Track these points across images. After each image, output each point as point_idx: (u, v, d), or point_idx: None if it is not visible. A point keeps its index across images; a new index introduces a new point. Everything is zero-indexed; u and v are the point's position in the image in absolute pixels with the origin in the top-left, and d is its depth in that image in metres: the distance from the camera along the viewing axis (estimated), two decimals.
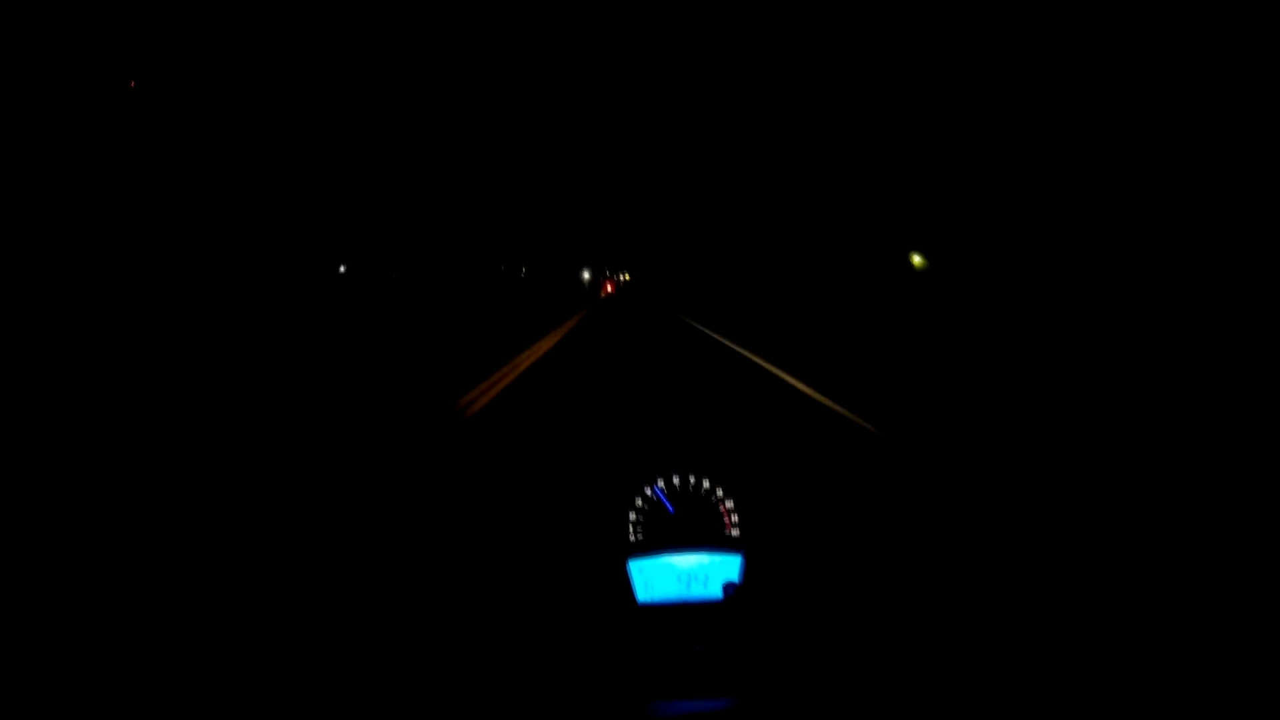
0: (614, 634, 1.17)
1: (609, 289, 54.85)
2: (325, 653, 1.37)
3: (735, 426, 4.78)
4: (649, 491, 1.29)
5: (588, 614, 1.19)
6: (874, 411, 4.89)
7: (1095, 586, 1.92)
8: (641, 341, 13.01)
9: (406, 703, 0.97)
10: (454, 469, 3.92)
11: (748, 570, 1.20)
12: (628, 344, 12.70)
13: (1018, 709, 0.97)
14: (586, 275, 57.93)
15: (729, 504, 1.28)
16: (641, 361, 9.65)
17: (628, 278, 64.49)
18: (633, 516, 1.28)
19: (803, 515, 1.39)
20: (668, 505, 1.28)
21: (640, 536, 1.26)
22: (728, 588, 1.17)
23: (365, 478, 3.67)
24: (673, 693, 1.03)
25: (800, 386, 6.27)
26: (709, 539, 1.24)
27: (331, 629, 1.56)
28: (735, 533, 1.26)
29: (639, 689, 1.04)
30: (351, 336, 12.82)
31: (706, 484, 1.30)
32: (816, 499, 1.75)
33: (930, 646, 1.19)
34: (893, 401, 5.41)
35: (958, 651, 1.20)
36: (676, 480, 1.30)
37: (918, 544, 2.09)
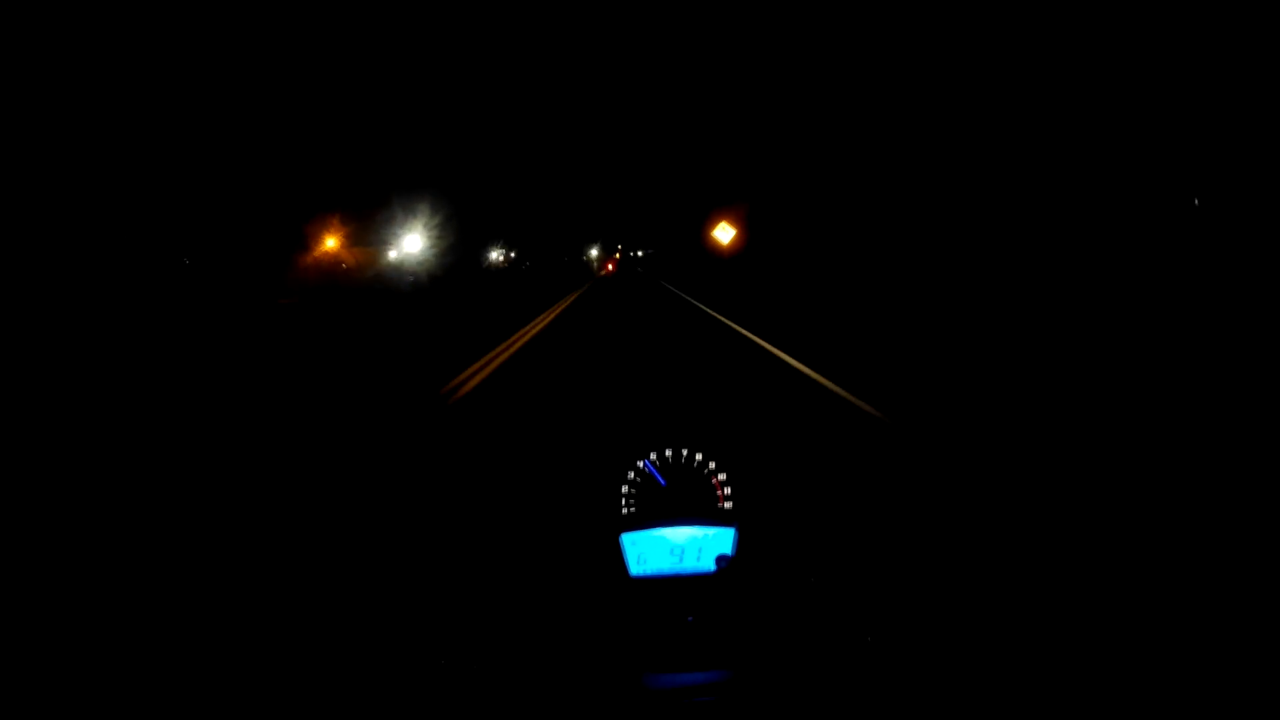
0: (607, 607, 1.16)
1: (610, 268, 54.25)
2: (316, 627, 1.36)
3: (729, 401, 4.78)
4: (641, 465, 1.27)
5: (581, 587, 1.18)
6: (872, 391, 4.89)
7: (1077, 572, 1.94)
8: (636, 318, 12.96)
9: (399, 675, 0.96)
10: (445, 444, 3.91)
11: (740, 543, 1.19)
12: (622, 319, 12.64)
13: (1006, 681, 0.97)
14: (594, 252, 56.68)
15: (722, 477, 1.27)
16: (634, 337, 9.61)
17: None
18: (625, 490, 1.26)
19: (795, 488, 1.39)
20: (659, 479, 1.26)
21: (633, 510, 1.25)
22: (720, 560, 1.16)
23: (356, 458, 3.64)
24: (666, 665, 1.02)
25: (804, 369, 6.26)
26: (702, 512, 1.23)
27: (322, 604, 1.55)
28: (728, 506, 1.26)
29: (632, 662, 1.03)
30: (356, 324, 12.70)
31: (699, 457, 1.28)
32: (809, 473, 1.75)
33: (919, 618, 1.19)
34: (890, 381, 5.42)
35: (946, 624, 1.21)
36: (669, 454, 1.28)
37: (909, 517, 2.10)
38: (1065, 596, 1.60)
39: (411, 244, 26.70)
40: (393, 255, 26.41)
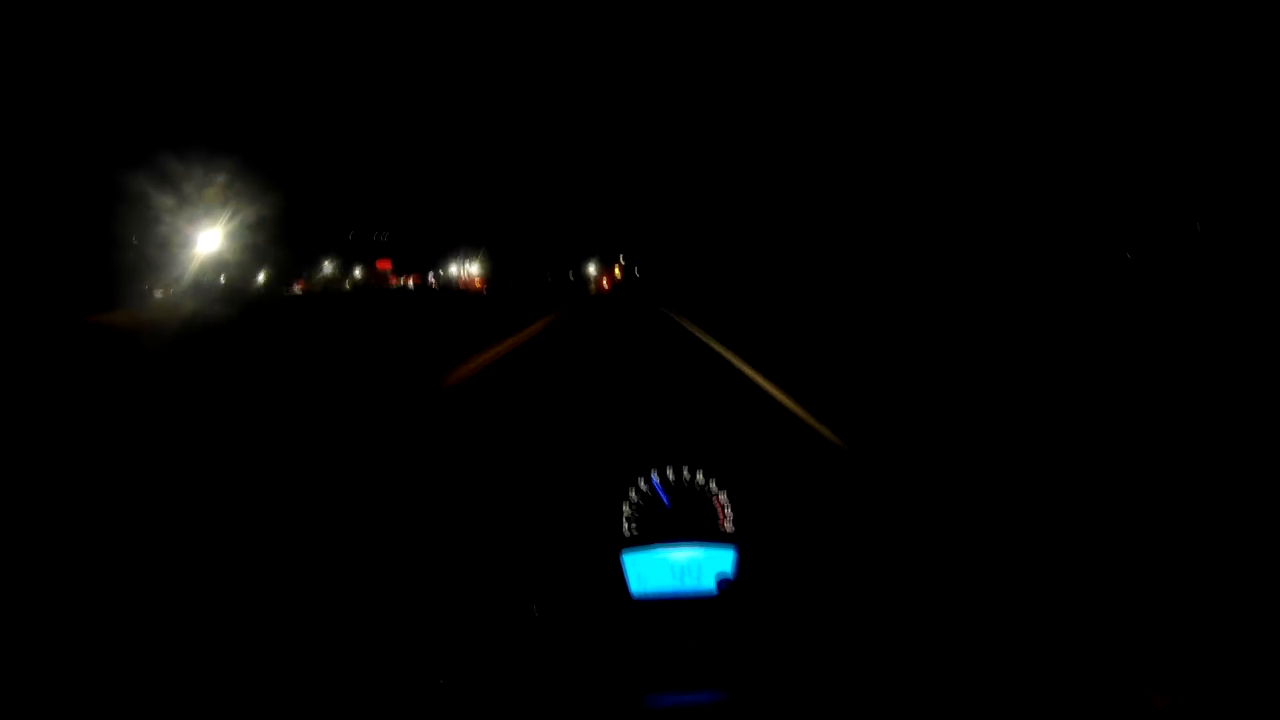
0: (607, 627, 1.16)
1: (605, 285, 50.47)
2: (308, 642, 1.35)
3: (728, 422, 4.78)
4: (643, 484, 1.28)
5: (581, 607, 1.18)
6: (845, 423, 4.79)
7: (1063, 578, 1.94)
8: (635, 333, 12.96)
9: (395, 697, 0.96)
10: (440, 445, 3.89)
11: (742, 564, 1.20)
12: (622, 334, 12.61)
13: (1004, 704, 0.97)
14: (593, 270, 53.28)
15: (723, 497, 1.28)
16: (636, 353, 9.62)
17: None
18: (626, 509, 1.27)
19: (797, 510, 1.39)
20: (664, 498, 1.27)
21: (634, 529, 1.25)
22: (722, 581, 1.16)
23: (352, 461, 3.64)
24: (666, 686, 1.02)
25: (783, 399, 6.26)
26: (703, 532, 1.23)
27: (315, 618, 1.55)
28: (729, 526, 1.26)
29: (633, 683, 1.03)
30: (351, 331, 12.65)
31: (701, 477, 1.29)
32: (807, 495, 1.75)
33: (919, 641, 1.19)
34: (865, 411, 5.31)
35: (946, 647, 1.21)
36: (671, 473, 1.29)
37: (899, 541, 2.10)
38: (1044, 617, 1.60)
39: None
40: None
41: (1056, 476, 3.29)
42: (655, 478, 1.27)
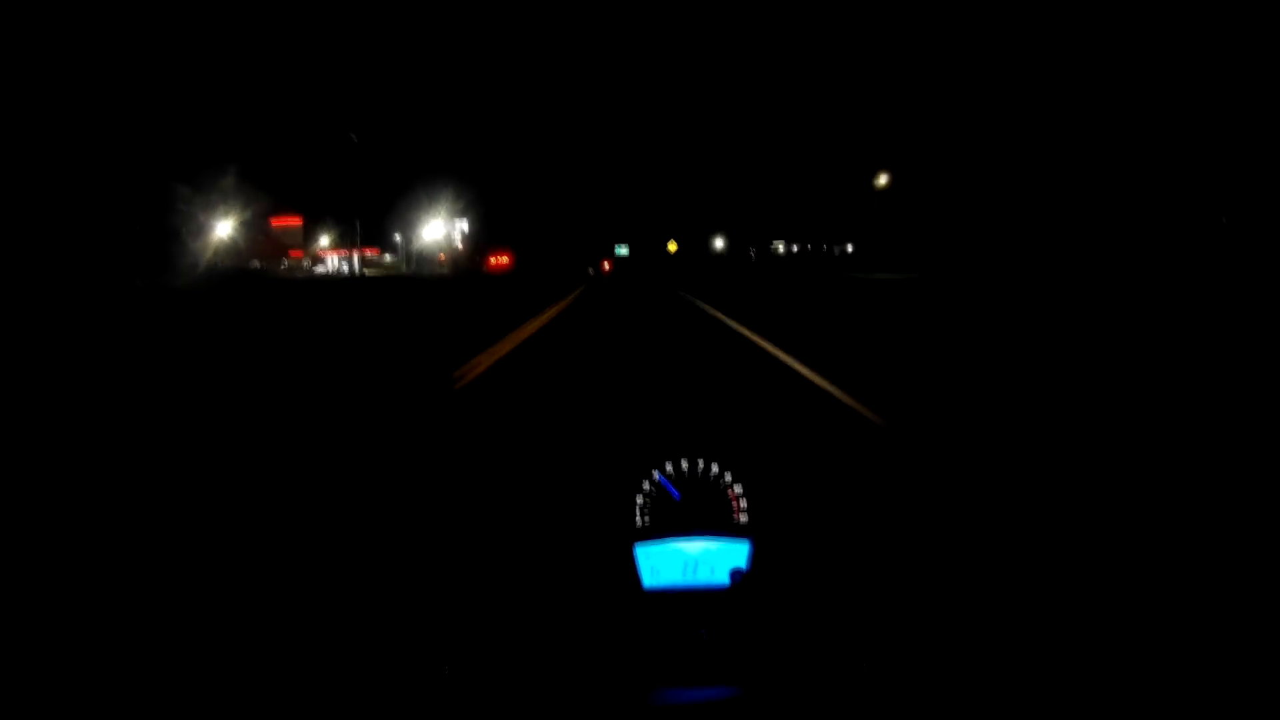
0: (619, 620, 1.15)
1: (606, 267, 55.21)
2: (317, 628, 1.37)
3: (742, 411, 4.76)
4: (655, 476, 1.27)
5: (593, 599, 1.18)
6: (877, 397, 4.83)
7: (1091, 577, 1.91)
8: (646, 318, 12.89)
9: (406, 688, 0.96)
10: (451, 443, 3.92)
11: (755, 557, 1.18)
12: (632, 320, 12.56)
13: (1020, 699, 0.95)
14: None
15: (737, 489, 1.26)
16: (647, 341, 9.59)
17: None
18: (640, 501, 1.26)
19: (811, 502, 1.38)
20: (673, 492, 1.26)
21: (647, 522, 1.25)
22: (735, 574, 1.15)
23: (362, 454, 3.67)
24: (678, 680, 1.02)
25: (805, 372, 6.22)
26: (717, 525, 1.22)
27: (325, 604, 1.56)
28: (744, 519, 1.25)
29: (644, 676, 1.03)
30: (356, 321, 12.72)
31: (715, 469, 1.27)
32: (823, 485, 1.73)
33: (934, 635, 1.18)
34: (895, 384, 5.34)
35: (961, 641, 1.19)
36: (685, 465, 1.28)
37: (921, 531, 2.07)
38: (1071, 617, 1.57)
39: None
40: None
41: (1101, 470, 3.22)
42: (661, 475, 1.26)
